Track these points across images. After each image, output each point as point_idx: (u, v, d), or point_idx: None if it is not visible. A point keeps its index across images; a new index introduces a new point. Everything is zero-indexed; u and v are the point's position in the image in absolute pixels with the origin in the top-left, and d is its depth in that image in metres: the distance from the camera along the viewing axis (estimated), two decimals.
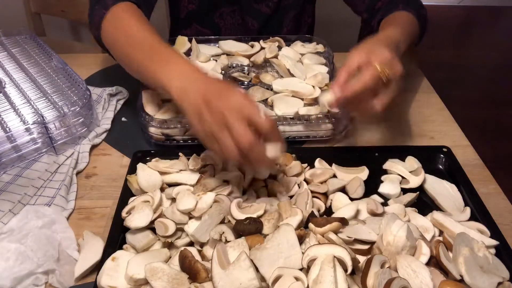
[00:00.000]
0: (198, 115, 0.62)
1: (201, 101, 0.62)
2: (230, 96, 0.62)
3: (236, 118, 0.59)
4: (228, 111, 0.60)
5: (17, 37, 1.09)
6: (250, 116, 0.60)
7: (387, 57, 0.70)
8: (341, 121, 0.85)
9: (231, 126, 0.59)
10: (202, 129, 0.62)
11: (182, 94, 0.65)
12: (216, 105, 0.60)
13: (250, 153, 0.60)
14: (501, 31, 3.52)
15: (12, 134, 0.78)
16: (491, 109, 2.56)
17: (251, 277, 0.53)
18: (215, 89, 0.63)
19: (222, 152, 0.61)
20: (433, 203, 0.74)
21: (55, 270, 0.61)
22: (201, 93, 0.63)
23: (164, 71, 0.68)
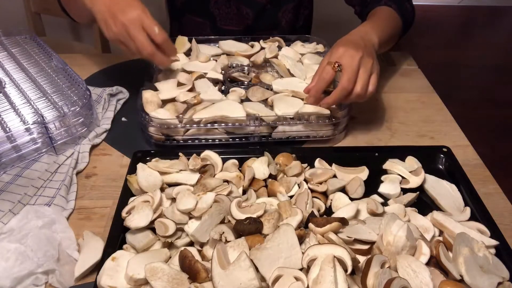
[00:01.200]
0: (106, 24, 0.79)
1: (108, 12, 0.79)
2: (131, 11, 0.78)
3: (137, 30, 0.77)
4: (130, 24, 0.77)
5: (17, 37, 1.09)
6: (146, 29, 0.78)
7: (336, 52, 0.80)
8: (341, 121, 0.85)
9: (133, 37, 0.78)
10: (110, 35, 0.80)
11: (92, 3, 0.81)
12: (119, 18, 0.77)
13: (151, 57, 0.80)
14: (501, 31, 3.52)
15: (12, 134, 0.78)
16: (491, 109, 2.56)
17: (251, 277, 0.53)
18: (122, 4, 0.79)
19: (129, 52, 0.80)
20: (433, 203, 0.74)
21: (55, 270, 0.61)
22: (107, 4, 0.79)
23: None
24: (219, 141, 0.84)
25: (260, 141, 0.85)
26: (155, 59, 0.81)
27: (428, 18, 3.57)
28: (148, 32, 0.78)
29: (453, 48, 3.23)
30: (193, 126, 0.82)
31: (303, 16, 1.25)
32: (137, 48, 0.78)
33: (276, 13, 1.18)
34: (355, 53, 0.78)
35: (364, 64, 0.78)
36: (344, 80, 0.77)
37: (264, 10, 1.15)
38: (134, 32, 0.77)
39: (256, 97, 0.89)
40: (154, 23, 0.79)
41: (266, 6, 1.15)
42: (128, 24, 0.77)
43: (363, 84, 0.78)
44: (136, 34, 0.77)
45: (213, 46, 1.05)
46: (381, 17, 0.96)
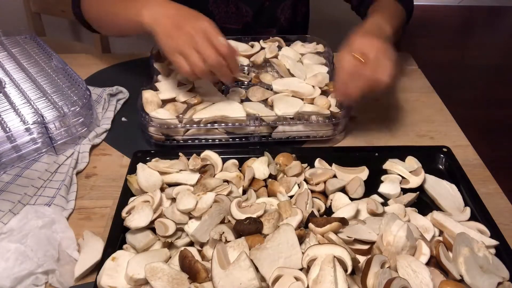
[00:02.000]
0: (168, 36, 0.75)
1: (171, 24, 0.75)
2: (197, 21, 0.75)
3: (203, 40, 0.73)
4: (196, 33, 0.73)
5: (17, 37, 1.09)
6: (212, 39, 0.74)
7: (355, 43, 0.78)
8: (341, 121, 0.85)
9: (200, 46, 0.73)
10: (172, 48, 0.75)
11: (153, 19, 0.77)
12: (185, 28, 0.74)
13: (215, 69, 0.75)
14: (501, 31, 3.52)
15: (12, 134, 0.78)
16: (491, 109, 2.55)
17: (251, 277, 0.53)
18: (184, 14, 0.77)
19: (190, 66, 0.74)
20: (433, 203, 0.74)
21: (55, 270, 0.61)
22: (171, 17, 0.76)
23: (134, 6, 0.80)
24: (219, 141, 0.84)
25: (260, 141, 0.85)
26: (221, 70, 0.76)
27: (428, 18, 3.57)
28: (214, 43, 0.74)
29: (453, 48, 3.23)
30: (193, 126, 0.82)
31: (301, 13, 1.25)
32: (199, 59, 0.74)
33: (275, 10, 1.18)
34: (376, 43, 0.77)
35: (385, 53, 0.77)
36: (370, 69, 0.75)
37: (263, 8, 1.15)
38: (200, 41, 0.73)
39: (256, 97, 0.89)
40: (220, 35, 0.76)
41: (265, 3, 1.15)
42: (194, 33, 0.73)
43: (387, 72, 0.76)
44: (202, 43, 0.73)
45: None
46: (387, 9, 0.95)
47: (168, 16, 0.76)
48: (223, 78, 0.79)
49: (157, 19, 0.77)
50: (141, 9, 0.78)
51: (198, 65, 0.74)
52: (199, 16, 0.77)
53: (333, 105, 0.86)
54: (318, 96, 0.87)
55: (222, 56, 0.75)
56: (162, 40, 0.76)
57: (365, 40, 0.77)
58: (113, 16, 0.88)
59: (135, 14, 0.79)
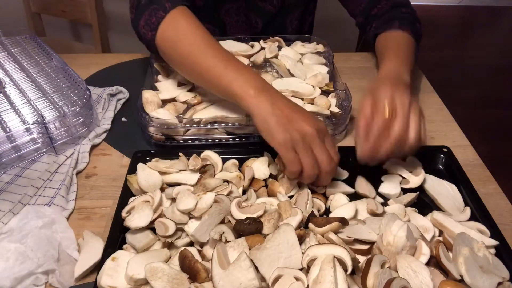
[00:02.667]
0: (281, 127, 0.66)
1: (287, 115, 0.67)
2: (315, 119, 0.68)
3: (322, 142, 0.67)
4: (313, 133, 0.66)
5: (17, 37, 1.09)
6: (329, 144, 0.68)
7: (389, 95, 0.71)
8: (341, 121, 0.85)
9: (317, 148, 0.66)
10: (288, 142, 0.66)
11: (262, 103, 0.68)
12: (304, 124, 0.66)
13: (324, 175, 0.68)
14: (501, 31, 3.53)
15: (12, 134, 0.78)
16: (491, 109, 2.56)
17: (251, 277, 0.53)
18: (299, 109, 0.70)
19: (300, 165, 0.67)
20: (433, 203, 0.74)
21: (55, 270, 0.61)
22: (286, 108, 0.68)
23: (239, 80, 0.71)
24: (219, 141, 0.84)
25: (260, 141, 0.85)
26: (328, 178, 0.70)
27: (428, 18, 3.57)
28: (329, 148, 0.68)
29: (453, 48, 3.23)
30: (193, 126, 0.82)
31: (308, 23, 1.26)
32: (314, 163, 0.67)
33: (285, 21, 1.18)
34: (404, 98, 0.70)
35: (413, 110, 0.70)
36: (398, 129, 0.68)
37: (273, 19, 1.16)
38: (319, 143, 0.67)
39: None
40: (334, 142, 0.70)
41: (275, 14, 1.15)
42: (313, 132, 0.66)
43: (416, 132, 0.69)
44: (321, 146, 0.67)
45: None
46: (402, 48, 0.90)
47: (281, 106, 0.68)
48: (323, 184, 0.72)
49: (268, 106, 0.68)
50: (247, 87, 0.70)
51: (313, 168, 0.67)
52: (313, 115, 0.70)
53: (333, 105, 0.86)
54: (318, 96, 0.87)
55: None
56: (275, 131, 0.67)
57: (391, 92, 0.70)
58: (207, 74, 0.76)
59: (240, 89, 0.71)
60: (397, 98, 0.70)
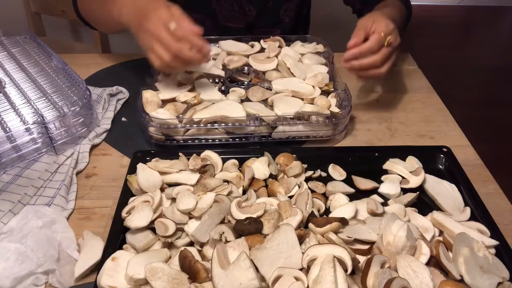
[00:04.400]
0: (138, 35, 0.78)
1: (137, 23, 0.78)
2: (153, 14, 0.76)
3: (160, 32, 0.74)
4: (155, 25, 0.75)
5: (17, 37, 1.09)
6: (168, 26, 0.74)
7: (389, 26, 0.83)
8: (341, 121, 0.85)
9: (159, 36, 0.74)
10: (144, 46, 0.78)
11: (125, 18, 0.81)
12: (145, 26, 0.76)
13: (180, 54, 0.75)
14: (501, 31, 3.52)
15: (12, 134, 0.78)
16: (491, 109, 2.55)
17: (251, 277, 0.53)
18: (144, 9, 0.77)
19: (158, 59, 0.76)
20: (433, 203, 0.74)
21: (55, 270, 0.61)
22: (136, 15, 0.78)
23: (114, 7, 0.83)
24: (219, 141, 0.84)
25: (260, 141, 0.85)
26: (183, 54, 0.75)
27: (428, 18, 3.57)
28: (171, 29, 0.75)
29: (453, 48, 3.22)
30: (193, 126, 0.82)
31: (303, 15, 1.25)
32: (163, 50, 0.74)
33: (278, 10, 1.18)
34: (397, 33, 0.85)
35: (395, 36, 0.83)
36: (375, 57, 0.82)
37: (266, 8, 1.16)
38: (157, 34, 0.74)
39: (256, 97, 0.89)
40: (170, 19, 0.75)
41: (268, 3, 1.15)
42: (153, 26, 0.75)
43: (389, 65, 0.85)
44: (159, 35, 0.74)
45: (213, 46, 1.05)
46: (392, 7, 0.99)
47: (133, 12, 0.79)
48: (195, 61, 0.78)
49: (127, 17, 0.80)
50: (118, 9, 0.82)
51: (163, 55, 0.75)
52: (156, 7, 0.76)
53: (333, 105, 0.86)
54: (318, 96, 0.87)
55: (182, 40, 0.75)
56: (137, 41, 0.79)
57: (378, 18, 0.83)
58: (99, 17, 0.93)
59: (116, 14, 0.82)
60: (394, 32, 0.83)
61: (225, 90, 0.92)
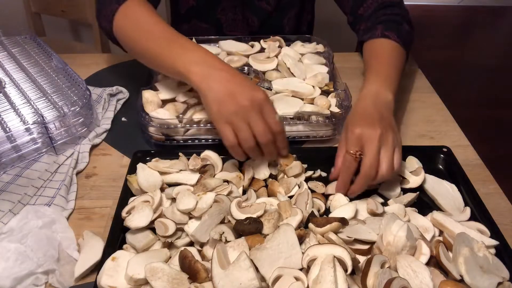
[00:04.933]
0: (220, 102, 0.68)
1: (225, 89, 0.68)
2: (253, 93, 0.68)
3: (258, 114, 0.67)
4: (251, 105, 0.67)
5: (17, 37, 1.09)
6: (266, 114, 0.68)
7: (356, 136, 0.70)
8: (341, 121, 0.85)
9: (253, 120, 0.67)
10: (223, 116, 0.68)
11: (204, 79, 0.69)
12: (239, 97, 0.67)
13: (266, 146, 0.69)
14: (501, 31, 3.53)
15: (12, 134, 0.78)
16: (491, 109, 2.56)
17: (251, 277, 0.53)
18: (239, 81, 0.69)
19: (238, 140, 0.69)
20: (433, 203, 0.74)
21: (55, 270, 0.61)
22: (225, 82, 0.69)
23: (183, 57, 0.72)
24: (219, 141, 0.84)
25: None
26: (269, 148, 0.71)
27: (428, 18, 3.57)
28: (268, 120, 0.69)
29: (453, 48, 3.23)
30: (193, 126, 0.82)
31: (306, 22, 1.25)
32: (250, 135, 0.68)
33: (281, 20, 1.18)
34: (372, 133, 0.69)
35: (385, 142, 0.70)
36: (366, 166, 0.69)
37: (269, 17, 1.16)
38: (254, 116, 0.68)
39: None
40: (275, 110, 0.71)
41: (272, 13, 1.15)
42: (249, 105, 0.67)
43: (387, 165, 0.69)
44: (257, 118, 0.68)
45: (213, 46, 1.05)
46: (386, 60, 0.87)
47: (220, 80, 0.69)
48: (268, 157, 0.74)
49: (208, 82, 0.69)
50: (190, 64, 0.71)
51: (248, 141, 0.68)
52: (254, 86, 0.70)
53: (333, 105, 0.86)
54: (318, 96, 0.87)
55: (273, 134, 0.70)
56: (212, 106, 0.69)
57: (361, 132, 0.70)
58: (154, 56, 0.78)
59: (183, 67, 0.72)
60: (365, 138, 0.70)
61: None
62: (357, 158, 0.70)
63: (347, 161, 0.71)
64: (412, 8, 3.66)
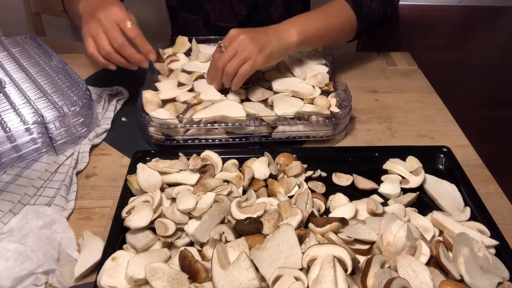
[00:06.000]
0: (86, 22, 0.81)
1: (90, 13, 0.81)
2: (108, 8, 0.80)
3: (112, 24, 0.78)
4: (105, 18, 0.78)
5: (17, 37, 1.09)
6: (119, 23, 0.79)
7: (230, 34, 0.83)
8: (341, 121, 0.85)
9: (106, 29, 0.78)
10: (85, 32, 0.80)
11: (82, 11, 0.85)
12: (97, 15, 0.79)
13: (122, 51, 0.79)
14: (501, 31, 3.52)
15: (12, 134, 0.78)
16: (491, 109, 2.55)
17: (251, 277, 0.53)
18: (101, 4, 0.81)
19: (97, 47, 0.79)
20: (433, 203, 0.74)
21: (55, 270, 0.61)
22: (91, 8, 0.82)
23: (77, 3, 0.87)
24: (219, 141, 0.84)
25: (260, 141, 0.85)
26: (126, 51, 0.79)
27: (428, 18, 3.57)
28: (121, 27, 0.79)
29: (453, 48, 3.22)
30: (193, 126, 0.82)
31: (297, 10, 1.24)
32: (106, 41, 0.78)
33: (268, 8, 1.18)
34: (243, 39, 0.82)
35: (243, 47, 0.81)
36: (216, 56, 0.84)
37: (257, 6, 1.16)
38: (107, 25, 0.78)
39: (256, 97, 0.89)
40: (128, 19, 0.80)
41: (259, 1, 1.15)
42: (103, 19, 0.78)
43: (231, 68, 0.82)
44: (108, 27, 0.78)
45: (213, 46, 1.05)
46: (321, 10, 0.93)
47: (89, 7, 0.83)
48: (134, 61, 0.81)
49: (83, 9, 0.84)
50: (78, 3, 0.86)
51: (104, 46, 0.78)
52: (112, 3, 0.81)
53: (333, 105, 0.86)
54: (318, 96, 0.87)
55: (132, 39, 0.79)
56: (82, 27, 0.81)
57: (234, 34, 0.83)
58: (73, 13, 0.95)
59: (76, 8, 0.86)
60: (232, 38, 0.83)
61: (225, 90, 0.92)
62: (219, 49, 0.83)
63: (214, 53, 0.85)
64: (412, 8, 3.66)
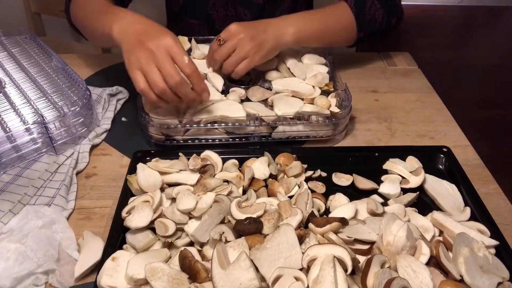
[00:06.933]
0: (131, 51, 0.72)
1: (135, 40, 0.72)
2: (161, 37, 0.71)
3: (165, 57, 0.70)
4: (157, 49, 0.70)
5: (17, 37, 1.09)
6: (174, 57, 0.71)
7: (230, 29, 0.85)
8: (341, 121, 0.85)
9: (160, 63, 0.70)
10: (133, 63, 0.71)
11: (120, 34, 0.75)
12: (147, 44, 0.71)
13: (178, 89, 0.72)
14: (501, 31, 3.52)
15: (12, 134, 0.78)
16: (491, 109, 2.55)
17: (251, 277, 0.53)
18: (149, 30, 0.74)
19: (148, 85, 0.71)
20: (433, 203, 0.74)
21: (55, 270, 0.61)
22: (137, 33, 0.73)
23: (108, 21, 0.78)
24: (219, 141, 0.84)
25: (260, 141, 0.85)
26: (183, 91, 0.72)
27: (428, 18, 3.57)
28: (176, 61, 0.71)
29: (453, 48, 3.22)
30: (193, 126, 0.82)
31: None
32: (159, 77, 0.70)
33: (274, 13, 1.17)
34: (242, 36, 0.83)
35: (241, 46, 0.83)
36: (214, 48, 0.86)
37: (262, 11, 1.15)
38: (161, 58, 0.70)
39: (256, 97, 0.89)
40: (184, 53, 0.72)
41: (264, 7, 1.15)
42: (155, 50, 0.70)
43: (229, 65, 0.85)
44: (163, 60, 0.70)
45: None
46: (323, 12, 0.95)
47: (133, 32, 0.74)
48: (187, 100, 0.76)
49: (124, 34, 0.75)
50: (111, 24, 0.76)
51: (157, 82, 0.70)
52: (163, 32, 0.73)
53: (333, 105, 0.86)
54: (318, 96, 0.87)
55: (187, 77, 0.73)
56: (125, 56, 0.73)
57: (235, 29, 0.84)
58: (91, 29, 0.87)
59: (108, 28, 0.77)
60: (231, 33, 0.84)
61: (225, 90, 0.92)
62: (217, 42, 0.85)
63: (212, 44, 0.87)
64: (412, 8, 3.66)
